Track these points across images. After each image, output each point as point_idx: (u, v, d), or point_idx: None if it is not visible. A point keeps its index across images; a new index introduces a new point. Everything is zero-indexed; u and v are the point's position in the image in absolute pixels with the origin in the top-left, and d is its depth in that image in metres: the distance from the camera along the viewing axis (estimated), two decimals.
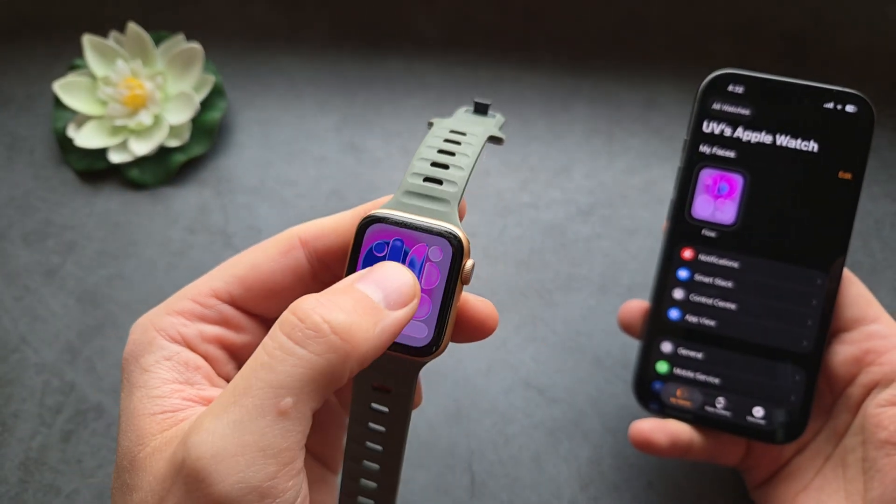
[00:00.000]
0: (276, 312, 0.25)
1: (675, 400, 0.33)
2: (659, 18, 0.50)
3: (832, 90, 0.33)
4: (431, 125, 0.25)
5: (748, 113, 0.33)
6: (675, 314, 0.34)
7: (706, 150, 0.34)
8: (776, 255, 0.33)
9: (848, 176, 0.32)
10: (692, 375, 0.33)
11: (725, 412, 0.33)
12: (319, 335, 0.19)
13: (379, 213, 0.23)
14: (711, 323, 0.33)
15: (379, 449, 0.25)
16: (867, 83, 0.47)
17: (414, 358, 0.23)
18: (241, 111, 0.48)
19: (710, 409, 0.33)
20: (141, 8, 0.51)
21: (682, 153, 0.34)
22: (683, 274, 0.34)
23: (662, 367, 0.34)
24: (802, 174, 0.33)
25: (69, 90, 0.45)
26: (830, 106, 0.33)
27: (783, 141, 0.33)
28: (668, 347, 0.34)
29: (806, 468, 0.32)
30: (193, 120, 0.46)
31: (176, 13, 0.51)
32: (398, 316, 0.21)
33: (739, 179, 0.33)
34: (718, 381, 0.33)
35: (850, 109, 0.32)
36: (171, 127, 0.45)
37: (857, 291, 0.33)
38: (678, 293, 0.34)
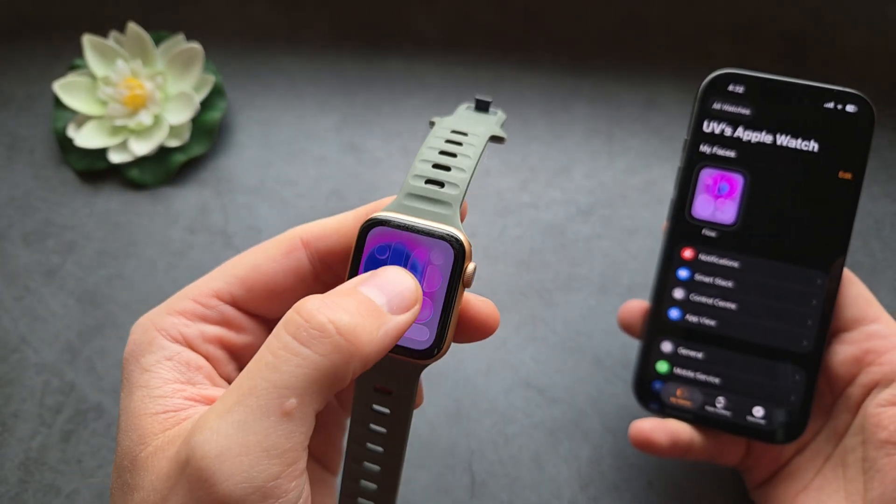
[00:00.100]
0: (277, 313, 0.25)
1: (675, 399, 0.33)
2: (659, 18, 0.50)
3: (832, 90, 0.33)
4: (433, 124, 0.25)
5: (748, 113, 0.33)
6: (675, 314, 0.34)
7: (706, 149, 0.34)
8: (776, 254, 0.33)
9: (848, 176, 0.32)
10: (692, 375, 0.33)
11: (725, 412, 0.33)
12: (324, 336, 0.19)
13: (381, 216, 0.23)
14: (711, 323, 0.33)
15: (380, 450, 0.25)
16: (867, 83, 0.47)
17: (416, 361, 0.23)
18: (241, 111, 0.48)
19: (710, 408, 0.33)
20: (141, 8, 0.51)
21: (682, 153, 0.34)
22: (683, 274, 0.34)
23: (662, 366, 0.34)
24: (802, 174, 0.33)
25: (69, 90, 0.45)
26: (830, 106, 0.33)
27: (783, 141, 0.33)
28: (668, 347, 0.34)
29: (806, 468, 0.32)
30: (193, 120, 0.46)
31: (176, 13, 0.51)
32: (400, 320, 0.21)
33: (740, 179, 0.33)
34: (718, 380, 0.33)
35: (850, 109, 0.32)
36: (171, 127, 0.45)
37: (857, 291, 0.33)
38: (678, 293, 0.34)
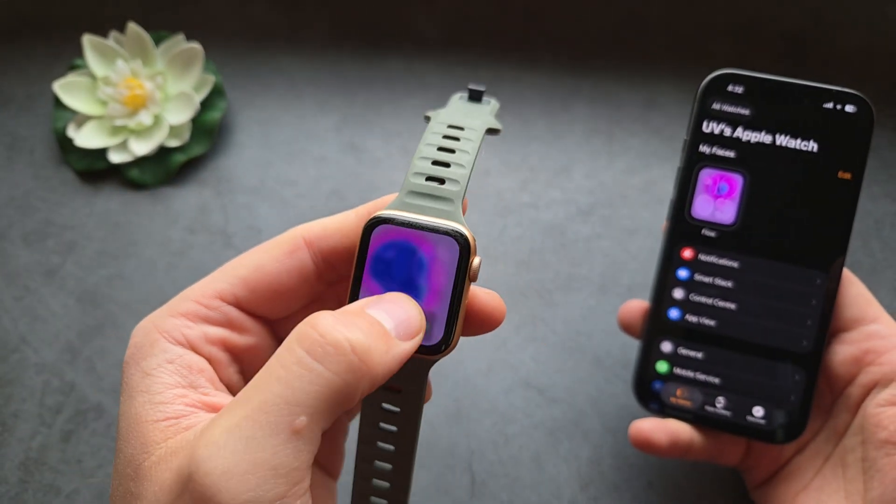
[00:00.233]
0: (280, 314, 0.25)
1: (675, 400, 0.33)
2: (659, 18, 0.50)
3: (832, 90, 0.33)
4: (428, 119, 0.25)
5: (748, 113, 0.33)
6: (674, 314, 0.34)
7: (706, 149, 0.34)
8: (776, 254, 0.33)
9: (847, 176, 0.32)
10: (692, 375, 0.33)
11: (725, 412, 0.33)
12: (339, 354, 0.19)
13: (384, 214, 0.23)
14: (711, 323, 0.33)
15: (391, 449, 0.25)
16: (867, 83, 0.47)
17: (425, 357, 0.23)
18: (241, 111, 0.48)
19: (709, 408, 0.33)
20: (141, 8, 0.51)
21: (681, 153, 0.34)
22: (683, 274, 0.34)
23: (662, 366, 0.34)
24: (802, 174, 0.33)
25: (69, 90, 0.45)
26: (830, 106, 0.33)
27: (783, 141, 0.33)
28: (667, 347, 0.34)
29: (806, 468, 0.32)
30: (193, 120, 0.46)
31: (176, 13, 0.51)
32: (406, 347, 0.21)
33: (739, 179, 0.33)
34: (718, 380, 0.33)
35: (849, 109, 0.32)
36: (171, 127, 0.45)
37: (856, 291, 0.33)
38: (678, 293, 0.34)
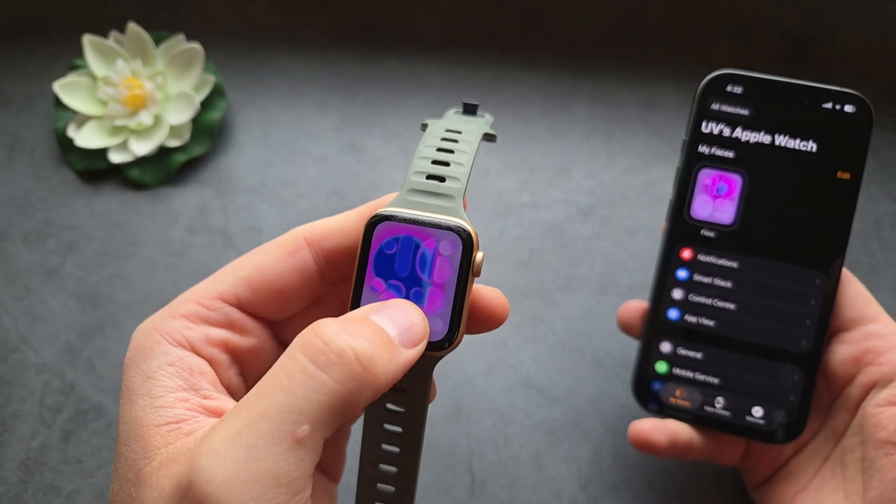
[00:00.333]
0: (282, 315, 0.25)
1: (674, 400, 0.33)
2: (659, 18, 0.50)
3: (831, 90, 0.33)
4: (426, 126, 0.26)
5: (747, 113, 0.33)
6: (674, 314, 0.34)
7: (705, 150, 0.34)
8: (775, 255, 0.33)
9: (847, 176, 0.32)
10: (691, 375, 0.33)
11: (725, 412, 0.33)
12: (344, 362, 0.19)
13: (386, 211, 0.23)
14: (710, 323, 0.33)
15: (396, 450, 0.25)
16: (867, 83, 0.47)
17: (430, 353, 0.23)
18: (241, 111, 0.48)
19: (709, 408, 0.33)
20: (141, 8, 0.51)
21: (680, 153, 0.34)
22: (682, 274, 0.34)
23: (661, 367, 0.34)
24: (801, 174, 0.33)
25: (69, 90, 0.45)
26: (829, 106, 0.33)
27: (782, 141, 0.33)
28: (667, 347, 0.34)
29: (805, 468, 0.32)
30: (193, 120, 0.46)
31: (176, 13, 0.51)
32: (410, 354, 0.21)
33: (738, 179, 0.33)
34: (717, 381, 0.33)
35: (848, 109, 0.32)
36: (171, 127, 0.45)
37: (855, 291, 0.33)
38: (677, 293, 0.34)
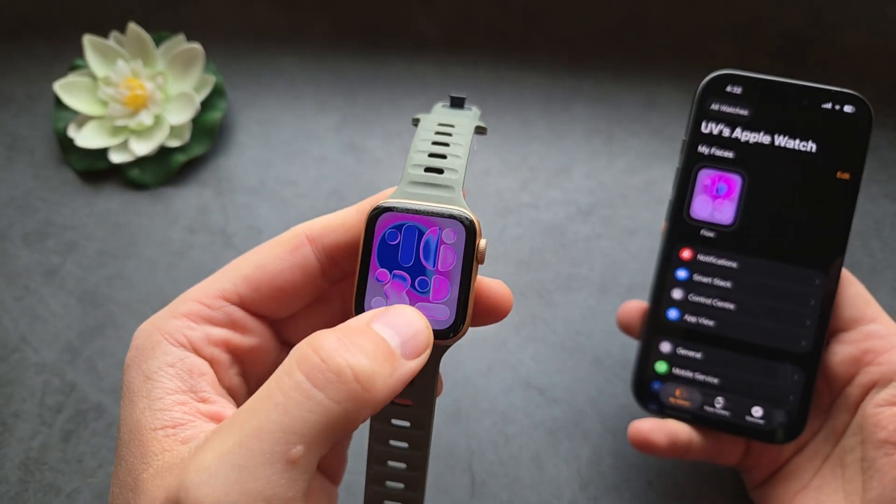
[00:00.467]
0: (283, 313, 0.25)
1: (674, 400, 0.33)
2: (659, 18, 0.50)
3: (830, 90, 0.33)
4: (418, 121, 0.26)
5: (746, 113, 0.33)
6: (673, 314, 0.34)
7: (704, 150, 0.34)
8: (775, 255, 0.33)
9: (846, 176, 0.32)
10: (691, 375, 0.33)
11: (724, 412, 0.33)
12: (341, 381, 0.19)
13: (388, 203, 0.23)
14: (710, 323, 0.33)
15: (405, 446, 0.25)
16: (867, 83, 0.47)
17: (438, 341, 0.22)
18: (241, 111, 0.48)
19: (708, 408, 0.33)
20: (141, 8, 0.51)
21: (680, 154, 0.34)
22: (682, 274, 0.34)
23: (661, 367, 0.34)
24: (801, 174, 0.33)
25: (70, 90, 0.45)
26: (828, 106, 0.33)
27: (781, 141, 0.33)
28: (666, 347, 0.34)
29: (805, 468, 0.32)
30: (194, 120, 0.46)
31: (176, 13, 0.51)
32: (412, 366, 0.20)
33: (738, 180, 0.33)
34: (717, 380, 0.33)
35: (848, 110, 0.32)
36: (171, 127, 0.45)
37: (855, 291, 0.33)
38: (677, 293, 0.34)
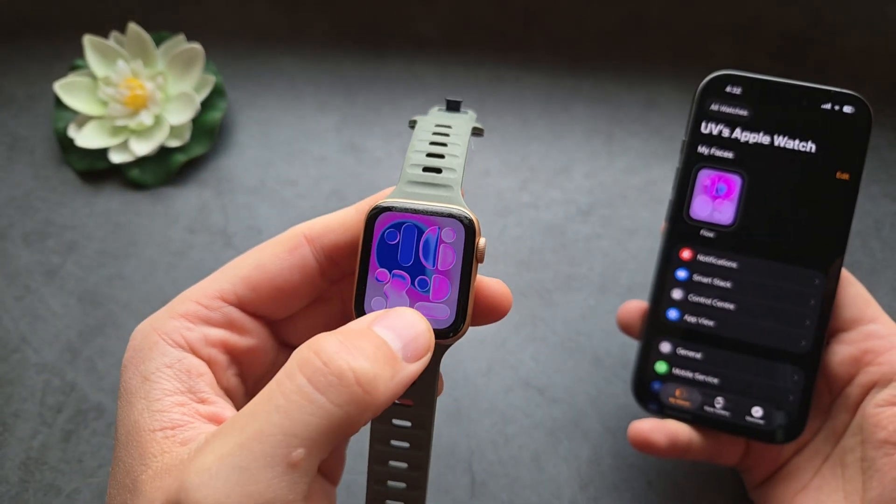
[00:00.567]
0: (282, 313, 0.25)
1: (673, 400, 0.33)
2: (659, 18, 0.50)
3: (829, 91, 0.33)
4: (415, 122, 0.26)
5: (746, 114, 0.33)
6: (673, 314, 0.34)
7: (704, 150, 0.34)
8: (774, 255, 0.33)
9: (846, 176, 0.33)
10: (691, 375, 0.33)
11: (724, 412, 0.33)
12: (343, 384, 0.18)
13: (386, 202, 0.23)
14: (710, 323, 0.33)
15: (406, 446, 0.25)
16: (867, 83, 0.47)
17: (439, 341, 0.22)
18: (241, 111, 0.48)
19: (708, 409, 0.33)
20: (141, 8, 0.51)
21: (680, 154, 0.34)
22: (682, 274, 0.34)
23: (661, 367, 0.34)
24: (800, 175, 0.33)
25: (70, 90, 0.45)
26: (828, 107, 0.33)
27: (781, 142, 0.33)
28: (666, 347, 0.34)
29: (805, 468, 0.32)
30: (194, 120, 0.46)
31: (176, 13, 0.51)
32: (413, 369, 0.20)
33: (737, 180, 0.33)
34: (717, 381, 0.33)
35: (847, 110, 0.32)
36: (171, 127, 0.45)
37: (855, 291, 0.33)
38: (677, 293, 0.34)
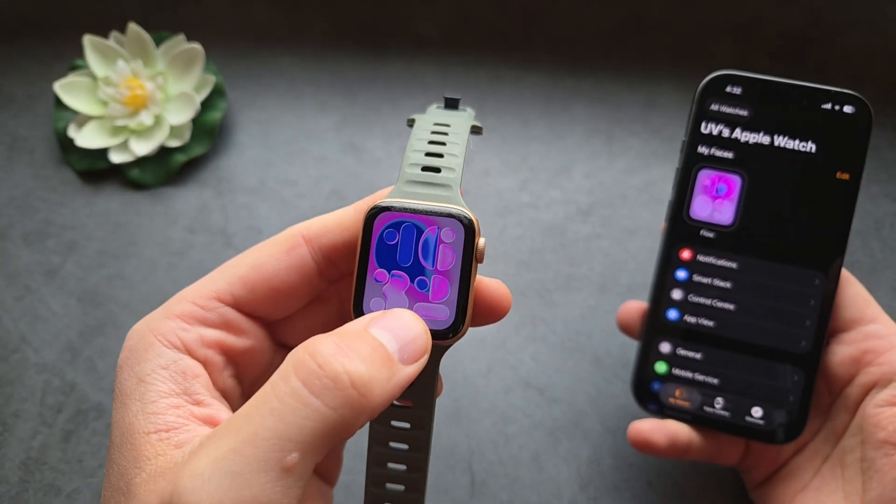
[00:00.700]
0: (279, 314, 0.25)
1: (673, 400, 0.33)
2: (659, 18, 0.50)
3: (830, 91, 0.33)
4: (413, 122, 0.26)
5: (746, 114, 0.33)
6: (673, 314, 0.34)
7: (704, 150, 0.34)
8: (774, 255, 0.33)
9: (846, 176, 0.32)
10: (691, 376, 0.33)
11: (724, 412, 0.33)
12: (338, 387, 0.18)
13: (385, 202, 0.23)
14: (710, 323, 0.33)
15: (405, 447, 0.24)
16: (867, 83, 0.47)
17: (438, 342, 0.22)
18: (241, 111, 0.48)
19: (708, 409, 0.33)
20: (141, 8, 0.51)
21: (680, 154, 0.34)
22: (682, 274, 0.34)
23: (661, 367, 0.34)
24: (800, 175, 0.33)
25: (70, 90, 0.45)
26: (828, 107, 0.33)
27: (781, 142, 0.33)
28: (666, 348, 0.34)
29: (804, 468, 0.32)
30: (194, 120, 0.46)
31: (176, 13, 0.51)
32: (409, 372, 0.20)
33: (737, 180, 0.33)
34: (717, 381, 0.33)
35: (847, 110, 0.32)
36: (171, 127, 0.45)
37: (855, 292, 0.33)
38: (676, 294, 0.34)
